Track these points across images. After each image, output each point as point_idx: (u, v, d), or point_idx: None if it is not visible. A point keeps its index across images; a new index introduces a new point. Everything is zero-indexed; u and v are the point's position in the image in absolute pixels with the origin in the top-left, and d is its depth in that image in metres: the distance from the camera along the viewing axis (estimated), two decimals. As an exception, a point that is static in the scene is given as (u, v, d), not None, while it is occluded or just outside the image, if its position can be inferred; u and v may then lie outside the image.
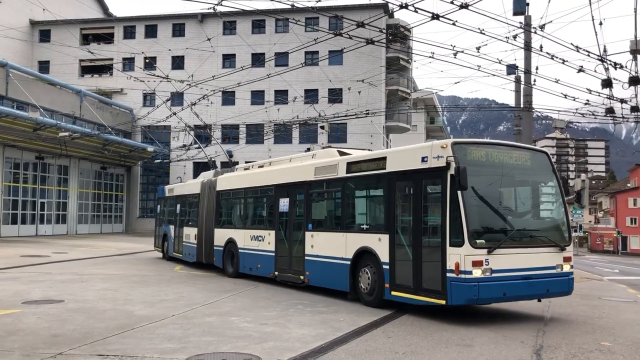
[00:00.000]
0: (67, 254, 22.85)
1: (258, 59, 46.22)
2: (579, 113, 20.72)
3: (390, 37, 44.82)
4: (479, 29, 13.11)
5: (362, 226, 10.97)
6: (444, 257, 8.59)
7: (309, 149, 28.24)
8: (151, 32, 48.49)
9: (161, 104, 22.09)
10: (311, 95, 44.47)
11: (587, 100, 17.54)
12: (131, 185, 48.14)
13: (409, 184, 9.69)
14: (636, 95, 16.65)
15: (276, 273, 13.37)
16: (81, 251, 24.49)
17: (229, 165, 21.58)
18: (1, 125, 30.36)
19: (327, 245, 11.63)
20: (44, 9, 26.24)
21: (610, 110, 17.97)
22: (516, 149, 9.89)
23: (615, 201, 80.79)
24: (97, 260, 20.40)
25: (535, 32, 13.08)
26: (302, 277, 12.35)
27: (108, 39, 48.42)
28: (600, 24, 14.13)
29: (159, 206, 23.29)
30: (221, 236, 16.29)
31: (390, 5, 36.91)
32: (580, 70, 15.06)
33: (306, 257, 12.25)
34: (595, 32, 12.76)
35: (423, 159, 9.25)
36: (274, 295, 11.97)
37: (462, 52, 14.60)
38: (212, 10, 12.99)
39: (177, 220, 20.17)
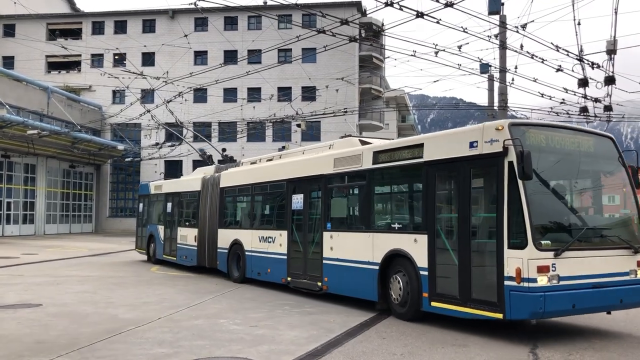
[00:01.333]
0: (37, 255, 22.26)
1: (231, 57, 45.80)
2: (553, 112, 21.07)
3: (364, 36, 44.99)
4: (461, 27, 13.17)
5: (392, 225, 9.58)
6: (501, 262, 7.24)
7: (283, 147, 28.12)
8: (121, 27, 47.51)
9: (135, 101, 21.62)
10: (285, 93, 44.21)
11: (563, 100, 17.79)
12: (100, 184, 47.18)
13: (453, 175, 8.33)
14: (609, 95, 16.97)
15: (289, 279, 11.89)
16: (52, 252, 23.87)
17: (226, 161, 19.98)
18: (-35, 123, 29.38)
19: (350, 248, 10.19)
20: (15, 2, 25.31)
21: (584, 109, 18.29)
22: (580, 133, 8.39)
23: None
24: (69, 262, 19.90)
25: (517, 31, 13.18)
26: (319, 284, 10.86)
27: (76, 34, 47.30)
28: (579, 23, 14.32)
29: (141, 204, 21.46)
30: (225, 237, 14.80)
31: (375, 3, 36.97)
32: (559, 69, 15.26)
33: (324, 261, 10.77)
34: (576, 32, 12.91)
35: (472, 145, 7.87)
36: (259, 296, 11.81)
37: (444, 50, 14.67)
38: (190, 6, 12.75)
39: (169, 220, 18.52)
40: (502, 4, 20.03)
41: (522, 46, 14.27)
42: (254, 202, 14.13)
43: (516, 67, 16.15)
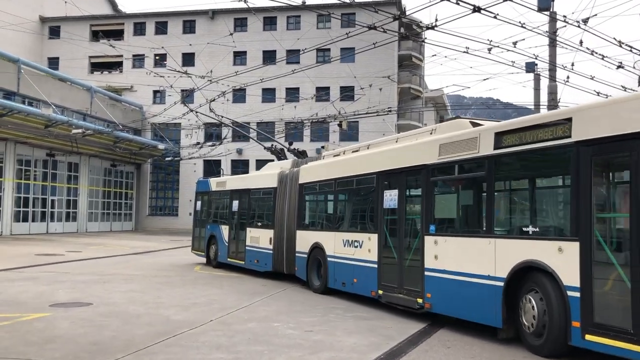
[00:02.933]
0: (81, 252, 22.49)
1: (270, 57, 45.82)
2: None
3: (405, 34, 44.48)
4: (519, 22, 12.65)
5: (525, 229, 7.28)
6: None
7: (322, 147, 27.80)
8: (161, 28, 48.05)
9: (178, 100, 21.58)
10: (324, 94, 43.97)
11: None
12: (141, 183, 47.77)
13: (621, 160, 6.30)
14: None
15: (380, 292, 9.99)
16: (95, 250, 24.11)
17: (299, 156, 18.04)
18: (13, 122, 29.97)
19: (462, 257, 8.14)
20: (65, 2, 25.72)
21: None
22: None
23: None
24: (113, 260, 20.00)
25: (579, 26, 12.58)
26: (420, 301, 8.87)
27: (118, 35, 47.98)
28: (642, 18, 13.63)
29: (198, 202, 19.80)
30: (304, 240, 13.06)
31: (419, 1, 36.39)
32: (620, 66, 14.58)
33: (427, 273, 8.78)
34: (643, 27, 12.23)
35: None
36: (307, 299, 11.51)
37: (498, 46, 14.18)
38: (237, 4, 12.58)
39: (235, 220, 16.87)
40: (553, 0, 19.43)
41: (581, 42, 13.63)
42: (337, 200, 12.41)
43: (572, 64, 15.50)
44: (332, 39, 15.92)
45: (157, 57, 44.99)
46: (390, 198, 10.01)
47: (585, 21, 12.50)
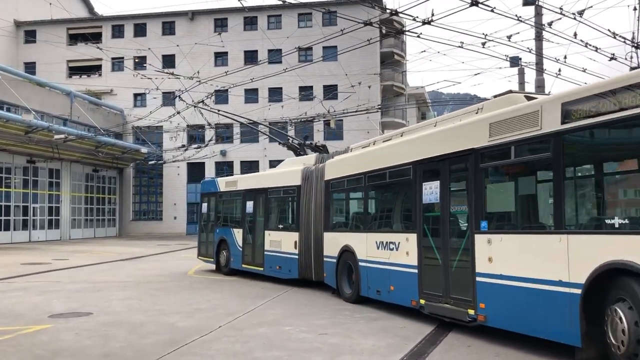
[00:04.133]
0: (68, 260, 22.01)
1: (251, 57, 45.46)
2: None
3: (384, 33, 44.49)
4: (515, 15, 12.60)
5: (608, 221, 5.79)
6: None
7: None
8: (140, 31, 47.38)
9: (165, 102, 21.19)
10: (306, 93, 43.75)
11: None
12: (124, 187, 47.07)
13: None
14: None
15: (422, 302, 8.60)
16: (82, 257, 23.61)
17: (318, 150, 16.37)
18: (-8, 129, 29.30)
19: (524, 258, 6.69)
20: (50, 3, 25.10)
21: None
22: None
23: None
24: (101, 267, 19.58)
25: (574, 18, 12.55)
26: (471, 312, 7.42)
27: (96, 38, 47.18)
28: (635, 9, 13.70)
29: (204, 205, 18.40)
30: (333, 243, 11.75)
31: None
32: (612, 58, 14.61)
33: (479, 278, 7.32)
34: (638, 19, 12.28)
35: None
36: (312, 301, 11.30)
37: (492, 40, 14.11)
38: (222, 5, 12.33)
39: (250, 223, 15.49)
40: (535, -5, 19.49)
41: (575, 34, 13.62)
42: (368, 197, 10.97)
43: (565, 57, 15.50)
44: (319, 38, 15.72)
45: (136, 60, 44.35)
46: (431, 191, 8.61)
47: (581, 13, 12.49)
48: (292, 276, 13.29)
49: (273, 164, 45.86)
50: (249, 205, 15.57)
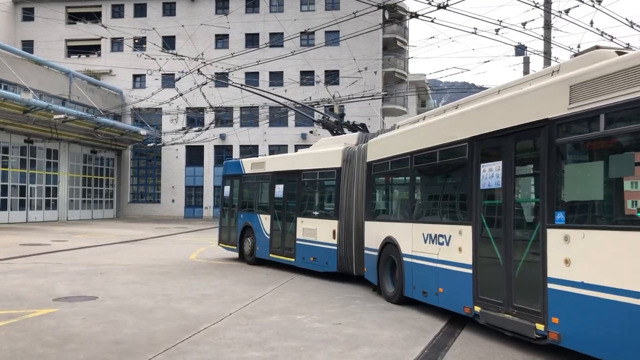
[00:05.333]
0: (67, 242, 21.82)
1: (252, 40, 44.97)
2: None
3: (388, 18, 43.99)
4: (533, 1, 12.35)
5: None
6: None
7: (311, 132, 26.89)
8: (140, 11, 46.77)
9: (167, 83, 20.86)
10: (308, 78, 43.35)
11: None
12: (122, 169, 46.78)
13: None
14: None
15: (477, 309, 7.04)
16: (81, 239, 23.41)
17: (356, 129, 15.22)
18: (-10, 107, 28.92)
19: (616, 262, 5.09)
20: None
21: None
22: None
23: None
24: (102, 249, 19.39)
25: (593, 6, 12.30)
26: (541, 327, 5.94)
27: (95, 18, 46.55)
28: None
29: (227, 187, 16.98)
30: (374, 233, 10.39)
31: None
32: (627, 47, 14.37)
33: (551, 285, 5.84)
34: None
35: None
36: (320, 288, 11.12)
37: (506, 27, 13.87)
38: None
39: (279, 208, 14.15)
40: (549, -18, 19.20)
41: (592, 22, 13.38)
42: (414, 180, 9.39)
43: (579, 46, 15.25)
44: (322, 22, 15.48)
45: (136, 40, 43.80)
46: (491, 174, 6.99)
47: (600, 1, 12.23)
48: (329, 269, 12.06)
49: (272, 148, 45.65)
50: (279, 189, 14.25)
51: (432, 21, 12.65)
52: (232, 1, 46.00)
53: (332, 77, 42.33)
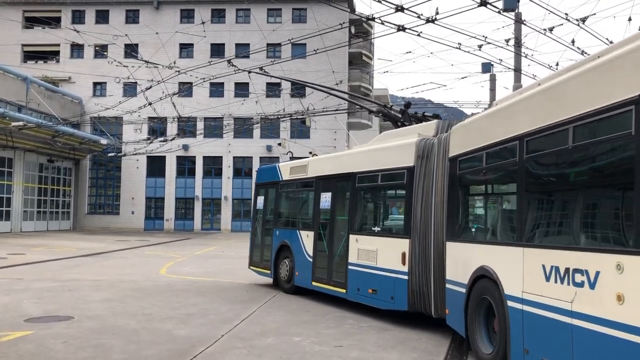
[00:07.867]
0: (25, 255, 20.73)
1: (218, 50, 44.42)
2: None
3: (354, 33, 44.20)
4: (514, 16, 12.37)
5: None
6: None
7: (279, 144, 26.60)
8: (102, 17, 45.59)
9: (140, 92, 20.23)
10: (273, 89, 43.01)
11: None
12: (79, 179, 45.22)
13: None
14: None
15: None
16: (39, 252, 22.32)
17: (423, 120, 11.92)
18: (-58, 113, 27.45)
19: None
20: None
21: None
22: None
23: None
24: (64, 263, 18.49)
25: (578, 25, 12.42)
26: None
27: (54, 22, 45.10)
28: (630, 19, 13.72)
29: (261, 198, 14.13)
30: (460, 260, 7.28)
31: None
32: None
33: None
34: (641, 27, 12.21)
35: None
36: (306, 306, 10.63)
37: (491, 43, 13.90)
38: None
39: (326, 223, 11.21)
40: (518, 1, 19.53)
41: (573, 41, 13.55)
42: (526, 181, 5.90)
43: (557, 64, 15.46)
44: (288, 34, 15.27)
45: (97, 48, 42.65)
46: None
47: (584, 20, 12.36)
48: (395, 307, 8.84)
49: (237, 160, 44.97)
50: (325, 197, 11.32)
51: (418, 35, 12.56)
52: (198, 10, 45.37)
53: (298, 90, 42.09)
